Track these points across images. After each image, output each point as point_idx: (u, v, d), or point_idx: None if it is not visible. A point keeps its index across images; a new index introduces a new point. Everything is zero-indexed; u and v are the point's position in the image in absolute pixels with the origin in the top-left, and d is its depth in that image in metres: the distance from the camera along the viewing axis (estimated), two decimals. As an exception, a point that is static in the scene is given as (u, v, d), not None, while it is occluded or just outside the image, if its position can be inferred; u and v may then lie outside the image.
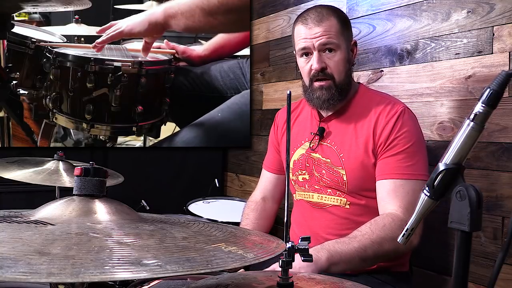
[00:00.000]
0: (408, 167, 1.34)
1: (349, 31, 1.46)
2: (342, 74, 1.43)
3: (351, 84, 1.48)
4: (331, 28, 1.40)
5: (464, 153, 0.71)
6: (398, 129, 1.37)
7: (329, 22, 1.40)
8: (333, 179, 1.43)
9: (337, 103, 1.44)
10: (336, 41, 1.40)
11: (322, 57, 1.41)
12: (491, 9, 1.50)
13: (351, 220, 1.41)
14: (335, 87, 1.42)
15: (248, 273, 0.90)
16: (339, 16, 1.44)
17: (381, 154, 1.38)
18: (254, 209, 1.66)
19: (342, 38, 1.42)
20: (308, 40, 1.41)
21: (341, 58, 1.41)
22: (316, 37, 1.40)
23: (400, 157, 1.35)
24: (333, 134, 1.47)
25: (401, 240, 0.80)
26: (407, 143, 1.36)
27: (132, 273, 0.53)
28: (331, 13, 1.43)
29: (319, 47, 1.40)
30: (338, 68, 1.42)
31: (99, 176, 0.76)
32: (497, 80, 0.69)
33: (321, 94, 1.42)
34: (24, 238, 0.60)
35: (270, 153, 1.73)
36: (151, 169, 2.63)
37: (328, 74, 1.42)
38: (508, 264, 1.43)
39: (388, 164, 1.36)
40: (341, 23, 1.42)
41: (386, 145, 1.37)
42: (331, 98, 1.42)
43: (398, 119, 1.37)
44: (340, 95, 1.43)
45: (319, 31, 1.39)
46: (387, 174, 1.36)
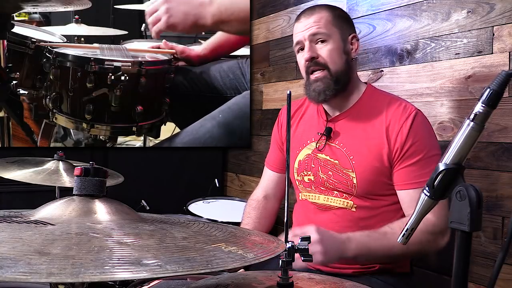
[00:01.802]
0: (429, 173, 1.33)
1: (345, 24, 1.44)
2: (338, 63, 1.40)
3: (352, 77, 1.44)
4: (320, 19, 1.40)
5: (464, 153, 0.71)
6: (414, 136, 1.34)
7: (320, 14, 1.41)
8: (341, 181, 1.40)
9: (333, 94, 1.40)
10: (326, 31, 1.39)
11: (313, 47, 1.40)
12: (491, 9, 1.50)
13: (357, 223, 1.38)
14: (330, 76, 1.39)
15: (248, 273, 0.90)
16: (333, 11, 1.44)
17: (399, 163, 1.35)
18: (256, 207, 1.65)
19: (334, 28, 1.40)
20: (300, 34, 1.42)
21: (333, 48, 1.39)
22: (306, 28, 1.40)
23: (420, 165, 1.33)
24: (342, 135, 1.43)
25: (401, 240, 0.80)
26: (423, 149, 1.34)
27: (132, 273, 0.53)
28: (324, 7, 1.44)
29: (310, 38, 1.40)
30: (331, 56, 1.39)
31: (99, 176, 0.76)
32: (497, 80, 0.69)
33: (317, 86, 1.40)
34: (24, 238, 0.60)
35: (272, 151, 1.71)
36: (151, 169, 2.63)
37: (320, 63, 1.40)
38: (508, 264, 1.43)
39: (410, 173, 1.34)
40: (334, 15, 1.42)
41: (403, 152, 1.34)
42: (327, 88, 1.39)
43: (413, 124, 1.34)
44: (336, 85, 1.39)
45: (309, 22, 1.40)
46: (411, 183, 1.34)
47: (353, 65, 1.46)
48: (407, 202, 1.35)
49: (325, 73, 1.39)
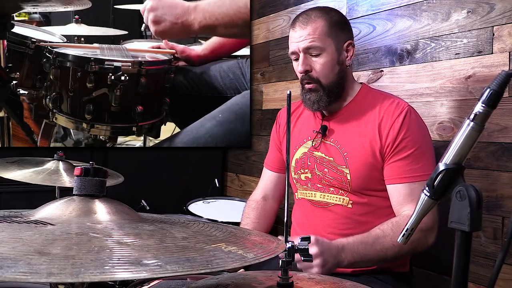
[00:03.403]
0: (419, 169, 1.34)
1: (341, 32, 1.43)
2: (329, 77, 1.42)
3: (344, 85, 1.46)
4: (315, 31, 1.39)
5: (464, 153, 0.71)
6: (406, 131, 1.35)
7: (315, 25, 1.40)
8: (336, 178, 1.43)
9: (327, 104, 1.43)
10: (319, 44, 1.39)
11: (307, 59, 1.41)
12: (491, 9, 1.50)
13: (353, 220, 1.41)
14: (322, 89, 1.42)
15: (248, 273, 0.90)
16: (329, 18, 1.42)
17: (390, 157, 1.37)
18: (255, 208, 1.66)
19: (329, 40, 1.40)
20: (294, 44, 1.42)
21: (327, 61, 1.40)
22: (300, 40, 1.40)
23: (410, 160, 1.35)
24: (336, 132, 1.46)
25: (401, 240, 0.80)
26: (415, 144, 1.35)
27: (132, 273, 0.53)
28: (320, 15, 1.42)
29: (304, 50, 1.40)
30: (324, 71, 1.41)
31: (99, 176, 0.76)
32: (497, 80, 0.69)
33: (310, 96, 1.43)
34: (24, 238, 0.60)
35: (271, 152, 1.73)
36: (151, 169, 2.63)
37: (312, 77, 1.42)
38: (508, 264, 1.43)
39: (399, 167, 1.35)
40: (330, 24, 1.41)
41: (394, 147, 1.36)
42: (320, 100, 1.42)
43: (405, 119, 1.36)
44: (329, 97, 1.42)
45: (303, 34, 1.40)
46: (399, 178, 1.35)
47: (348, 71, 1.48)
48: (395, 196, 1.37)
49: (316, 86, 1.42)
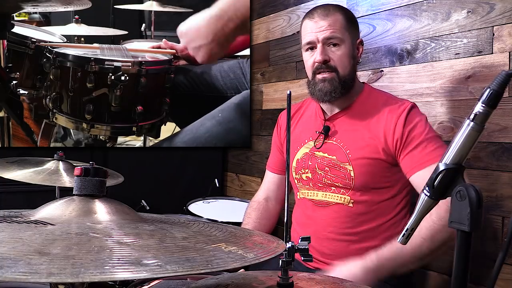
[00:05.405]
0: (434, 151, 1.33)
1: (355, 29, 1.47)
2: (347, 68, 1.43)
3: (355, 81, 1.48)
4: (336, 22, 1.41)
5: (464, 153, 0.71)
6: (410, 124, 1.36)
7: (335, 17, 1.42)
8: (339, 176, 1.43)
9: (339, 96, 1.43)
10: (340, 35, 1.41)
11: (325, 50, 1.42)
12: (491, 9, 1.50)
13: (354, 219, 1.42)
14: (338, 79, 1.42)
15: (248, 273, 0.90)
16: (346, 14, 1.46)
17: (402, 151, 1.37)
18: (256, 208, 1.67)
19: (347, 33, 1.43)
20: (313, 34, 1.42)
21: (345, 53, 1.42)
22: (321, 30, 1.41)
23: (423, 146, 1.34)
24: (339, 132, 1.47)
25: (400, 240, 0.80)
26: (422, 132, 1.35)
27: (132, 273, 0.53)
28: (338, 9, 1.45)
29: (323, 41, 1.41)
30: (342, 61, 1.42)
31: (99, 176, 0.76)
32: (497, 80, 0.69)
33: (323, 86, 1.42)
34: (24, 238, 0.59)
35: (273, 154, 1.75)
36: (151, 169, 2.63)
37: (331, 66, 1.42)
38: (508, 264, 1.43)
39: (414, 156, 1.35)
40: (347, 19, 1.44)
41: (403, 141, 1.36)
42: (334, 90, 1.42)
43: (408, 114, 1.37)
44: (343, 88, 1.43)
45: (324, 25, 1.41)
46: (418, 165, 1.34)
47: (357, 68, 1.50)
48: (420, 184, 1.32)
49: (333, 75, 1.42)
